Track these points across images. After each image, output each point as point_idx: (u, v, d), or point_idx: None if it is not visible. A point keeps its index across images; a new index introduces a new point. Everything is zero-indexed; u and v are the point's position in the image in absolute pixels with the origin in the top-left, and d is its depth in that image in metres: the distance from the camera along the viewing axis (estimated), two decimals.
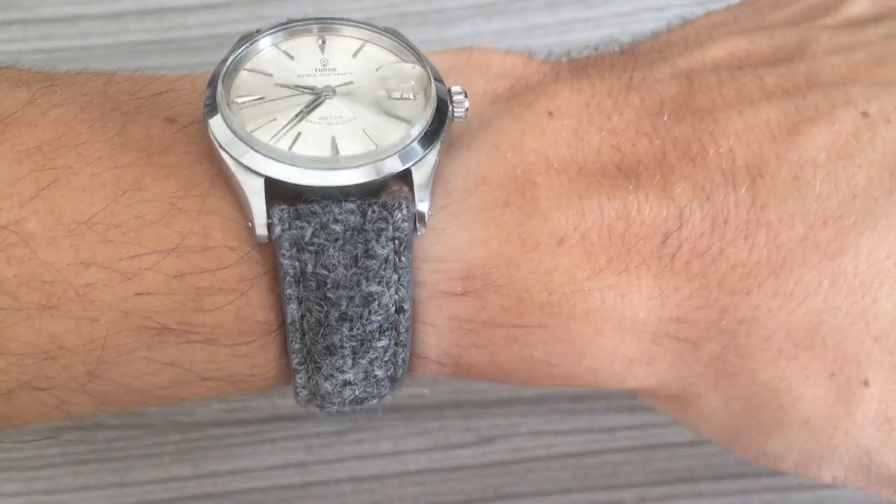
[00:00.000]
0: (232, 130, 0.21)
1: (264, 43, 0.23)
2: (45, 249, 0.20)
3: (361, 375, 0.22)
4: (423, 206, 0.21)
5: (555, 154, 0.23)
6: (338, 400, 0.22)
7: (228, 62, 0.22)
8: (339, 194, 0.20)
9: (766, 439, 0.24)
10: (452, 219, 0.22)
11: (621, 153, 0.22)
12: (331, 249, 0.20)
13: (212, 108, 0.21)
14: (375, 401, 0.23)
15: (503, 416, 0.38)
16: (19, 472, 0.38)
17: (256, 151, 0.20)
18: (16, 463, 0.38)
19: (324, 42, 0.23)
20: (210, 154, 0.21)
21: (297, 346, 0.21)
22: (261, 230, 0.20)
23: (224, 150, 0.20)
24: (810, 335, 0.22)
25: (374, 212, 0.20)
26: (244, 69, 0.22)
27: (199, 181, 0.21)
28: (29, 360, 0.20)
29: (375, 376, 0.22)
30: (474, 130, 0.23)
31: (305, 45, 0.23)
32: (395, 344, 0.22)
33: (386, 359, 0.22)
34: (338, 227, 0.20)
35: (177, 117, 0.22)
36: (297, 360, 0.22)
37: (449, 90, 0.22)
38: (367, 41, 0.23)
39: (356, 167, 0.20)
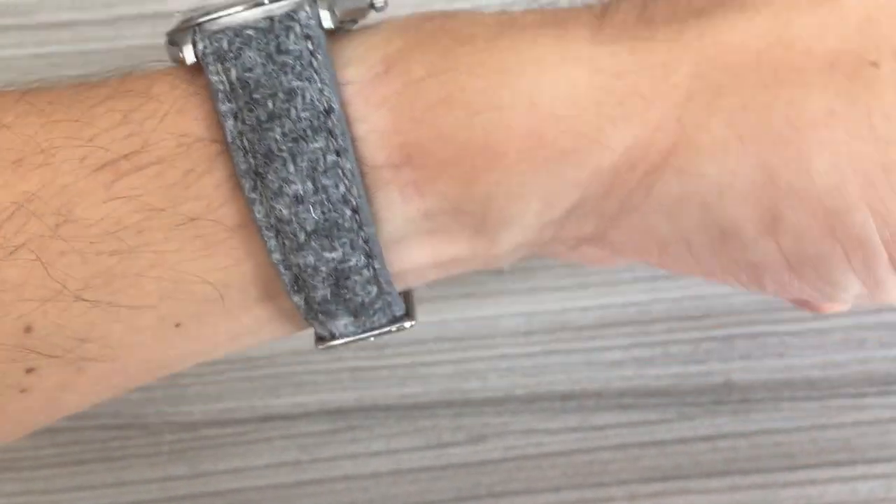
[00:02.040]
0: None
1: None
2: None
3: (311, 187, 0.21)
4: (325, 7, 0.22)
5: None
6: (301, 234, 0.22)
7: None
8: (250, 4, 0.22)
9: (797, 154, 0.21)
10: (372, 29, 0.23)
11: None
12: (247, 51, 0.21)
13: None
14: (355, 260, 0.22)
15: (494, 415, 0.38)
16: (16, 472, 0.38)
17: None
18: (13, 463, 0.38)
19: None
20: None
21: (243, 167, 0.21)
22: (189, 56, 0.22)
23: None
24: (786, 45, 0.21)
25: (279, 12, 0.22)
26: None
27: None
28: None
29: (326, 188, 0.21)
30: None
31: None
32: (336, 153, 0.21)
33: (329, 166, 0.21)
34: (250, 31, 0.21)
35: None
36: (248, 187, 0.22)
37: None
38: None
39: None
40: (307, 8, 0.22)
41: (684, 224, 0.22)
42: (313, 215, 0.22)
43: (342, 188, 0.22)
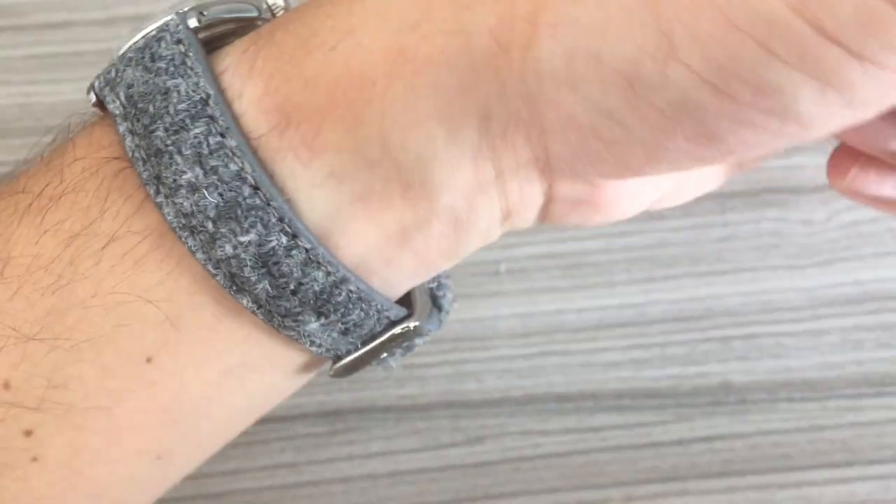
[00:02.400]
0: None
1: None
2: None
3: (200, 171, 0.21)
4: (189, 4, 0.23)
5: None
6: (208, 223, 0.22)
7: None
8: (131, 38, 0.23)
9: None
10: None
11: None
12: (128, 71, 0.22)
13: None
14: (273, 235, 0.22)
15: (492, 417, 0.38)
16: None
17: None
18: None
19: None
20: None
21: (145, 175, 0.22)
22: (92, 97, 0.23)
23: None
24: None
25: (153, 30, 0.23)
26: None
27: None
28: None
29: (216, 169, 0.21)
30: None
31: None
32: (220, 134, 0.21)
33: (215, 147, 0.21)
34: (130, 54, 0.23)
35: None
36: (153, 192, 0.22)
37: None
38: None
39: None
40: (175, 18, 0.23)
41: (590, 90, 0.20)
42: (212, 199, 0.21)
43: (233, 166, 0.21)
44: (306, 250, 0.22)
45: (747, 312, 0.38)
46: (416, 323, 0.24)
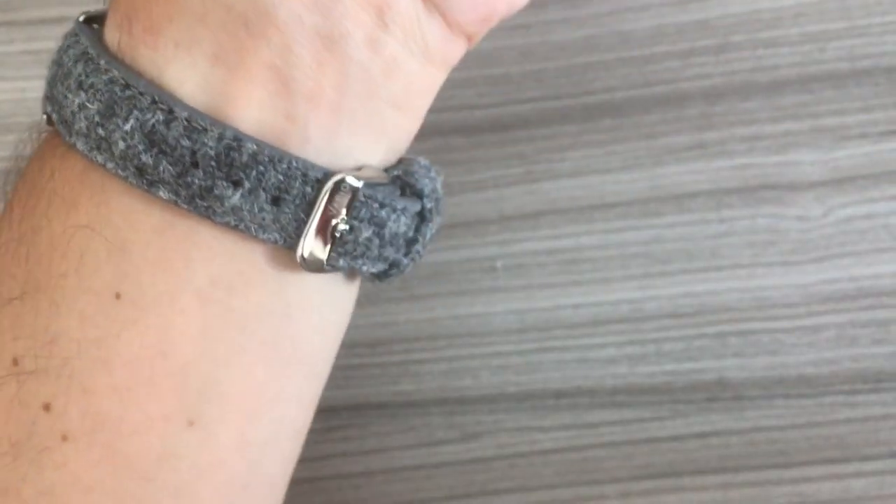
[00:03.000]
0: None
1: None
2: None
3: (83, 94, 0.23)
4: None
5: None
6: (99, 129, 0.23)
7: None
8: None
9: None
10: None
11: None
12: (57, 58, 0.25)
13: None
14: (150, 115, 0.23)
15: (487, 413, 0.38)
16: None
17: None
18: None
19: None
20: None
21: (60, 128, 0.24)
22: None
23: None
24: None
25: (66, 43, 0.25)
26: None
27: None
28: None
29: (93, 85, 0.23)
30: None
31: None
32: (92, 61, 0.24)
33: (89, 71, 0.24)
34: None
35: None
36: (65, 132, 0.24)
37: None
38: None
39: None
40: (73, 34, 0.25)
41: None
42: (93, 107, 0.23)
43: (105, 77, 0.23)
44: (186, 119, 0.23)
45: (743, 309, 0.38)
46: (356, 181, 0.23)
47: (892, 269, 0.38)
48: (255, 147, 0.23)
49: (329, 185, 0.23)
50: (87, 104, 0.23)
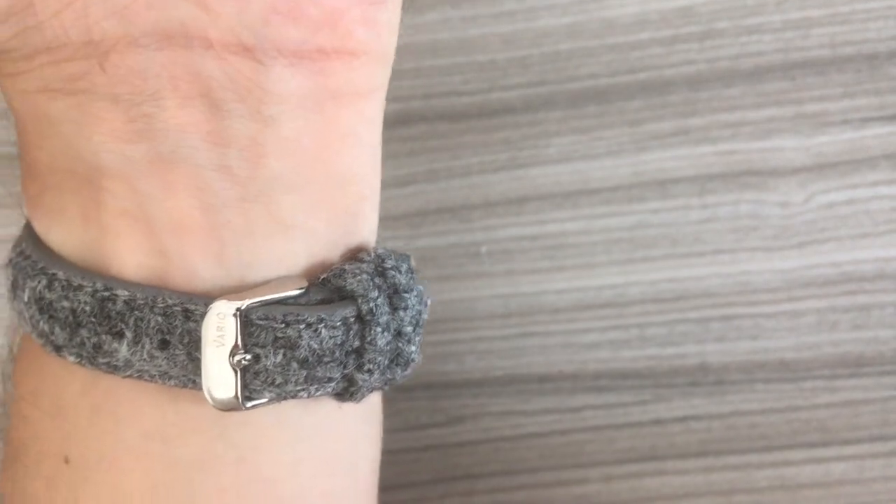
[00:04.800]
0: None
1: None
2: None
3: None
4: None
5: None
6: (14, 300, 0.24)
7: None
8: None
9: None
10: None
11: None
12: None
13: None
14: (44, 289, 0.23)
15: (472, 397, 0.39)
16: None
17: None
18: None
19: None
20: None
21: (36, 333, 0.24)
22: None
23: None
24: None
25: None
26: None
27: None
28: None
29: (9, 261, 0.24)
30: None
31: None
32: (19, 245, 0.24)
33: (14, 258, 0.24)
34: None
35: None
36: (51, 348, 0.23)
37: None
38: None
39: None
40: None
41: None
42: (9, 279, 0.24)
43: (18, 250, 0.24)
44: (65, 280, 0.22)
45: (725, 294, 0.38)
46: (226, 304, 0.21)
47: (873, 255, 0.38)
48: (126, 293, 0.21)
49: (208, 318, 0.21)
50: (8, 277, 0.24)
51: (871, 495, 0.38)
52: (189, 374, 0.22)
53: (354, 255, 0.23)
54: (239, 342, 0.21)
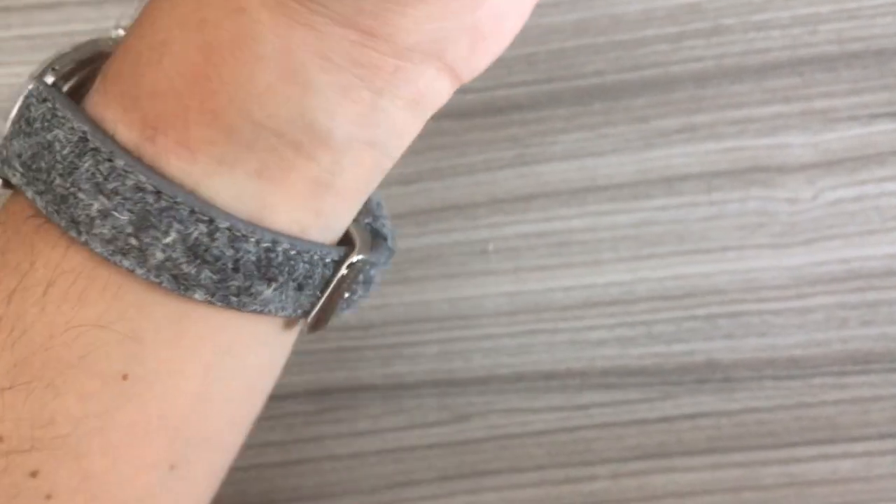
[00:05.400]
0: None
1: None
2: None
3: (103, 198, 0.23)
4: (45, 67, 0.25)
5: None
6: (132, 239, 0.23)
7: None
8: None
9: None
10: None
11: None
12: (14, 142, 0.24)
13: None
14: (192, 228, 0.23)
15: (478, 395, 0.39)
16: None
17: None
18: None
19: None
20: None
21: (64, 224, 0.23)
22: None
23: None
24: None
25: (21, 102, 0.24)
26: None
27: None
28: None
29: (119, 192, 0.23)
30: None
31: None
32: (107, 159, 0.23)
33: (107, 173, 0.23)
34: (9, 128, 0.24)
35: None
36: (74, 233, 0.23)
37: None
38: None
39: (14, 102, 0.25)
40: (34, 81, 0.24)
41: None
42: (123, 217, 0.23)
43: (130, 181, 0.23)
44: (228, 229, 0.23)
45: (733, 291, 0.38)
46: (360, 256, 0.26)
47: (882, 251, 0.38)
48: (288, 246, 0.24)
49: (343, 269, 0.25)
50: (115, 213, 0.23)
51: (880, 492, 0.38)
52: (302, 308, 0.25)
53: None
54: (349, 287, 0.26)
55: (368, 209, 0.27)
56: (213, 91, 0.23)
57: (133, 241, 0.23)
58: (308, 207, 0.24)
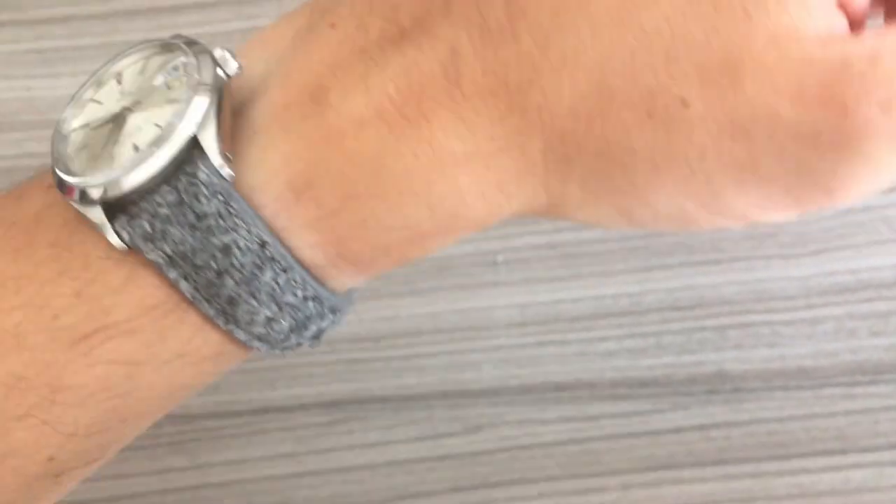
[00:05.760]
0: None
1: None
2: None
3: (275, 307, 0.24)
4: (213, 152, 0.23)
5: (339, 55, 0.24)
6: (280, 333, 0.24)
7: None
8: (153, 184, 0.23)
9: (638, 200, 0.24)
10: (262, 150, 0.24)
11: (392, 25, 0.24)
12: (170, 229, 0.23)
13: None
14: (326, 322, 0.25)
15: (489, 406, 0.39)
16: None
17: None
18: None
19: (120, 75, 0.25)
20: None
21: (212, 312, 0.23)
22: (116, 242, 0.23)
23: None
24: (604, 87, 0.22)
25: (181, 182, 0.23)
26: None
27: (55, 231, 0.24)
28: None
29: (290, 303, 0.24)
30: (273, 72, 0.25)
31: (109, 89, 0.25)
32: (283, 270, 0.23)
33: (284, 284, 0.23)
34: (164, 210, 0.23)
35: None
36: (222, 322, 0.24)
37: (212, 55, 0.24)
38: (148, 56, 0.25)
39: (154, 154, 0.23)
40: (202, 165, 0.23)
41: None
42: (286, 323, 0.24)
43: (300, 293, 0.24)
44: (310, 282, 0.24)
45: (742, 301, 0.38)
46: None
47: (890, 262, 0.38)
48: (335, 300, 0.25)
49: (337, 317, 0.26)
50: (281, 320, 0.24)
51: (891, 503, 0.38)
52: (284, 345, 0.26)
53: None
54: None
55: None
56: (423, 250, 0.24)
57: (282, 339, 0.24)
58: (318, 245, 0.25)
